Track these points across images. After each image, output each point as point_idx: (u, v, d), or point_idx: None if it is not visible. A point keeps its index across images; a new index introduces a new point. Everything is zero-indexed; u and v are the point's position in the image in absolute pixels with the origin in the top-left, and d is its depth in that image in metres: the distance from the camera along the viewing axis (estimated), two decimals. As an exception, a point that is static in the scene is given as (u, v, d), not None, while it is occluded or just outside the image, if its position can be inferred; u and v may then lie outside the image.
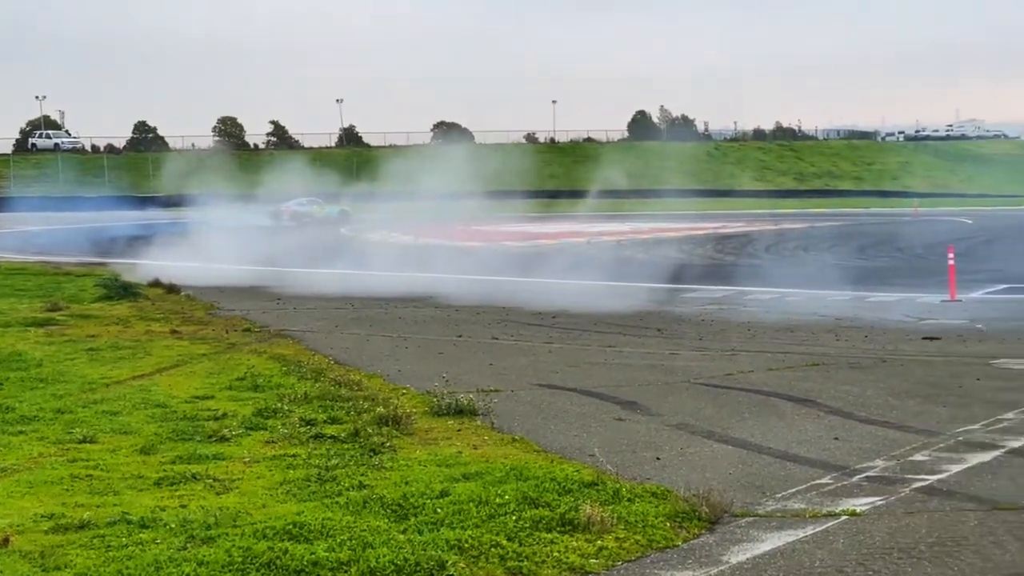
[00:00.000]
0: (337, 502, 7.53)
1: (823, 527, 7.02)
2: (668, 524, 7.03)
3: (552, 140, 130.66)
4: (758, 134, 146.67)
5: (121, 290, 24.23)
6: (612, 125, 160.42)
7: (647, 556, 6.56)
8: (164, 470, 8.65)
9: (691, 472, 8.51)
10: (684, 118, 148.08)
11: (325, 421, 10.43)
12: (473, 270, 31.69)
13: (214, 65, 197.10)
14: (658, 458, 9.03)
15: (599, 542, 6.65)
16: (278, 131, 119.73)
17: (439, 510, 7.18)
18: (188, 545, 6.62)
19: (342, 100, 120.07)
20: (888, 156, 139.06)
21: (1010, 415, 10.60)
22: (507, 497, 7.40)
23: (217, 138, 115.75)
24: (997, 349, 15.63)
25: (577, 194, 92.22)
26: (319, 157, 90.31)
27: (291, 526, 6.86)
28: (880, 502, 7.59)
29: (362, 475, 8.31)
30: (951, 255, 25.06)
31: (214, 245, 36.75)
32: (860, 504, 7.53)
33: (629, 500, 7.47)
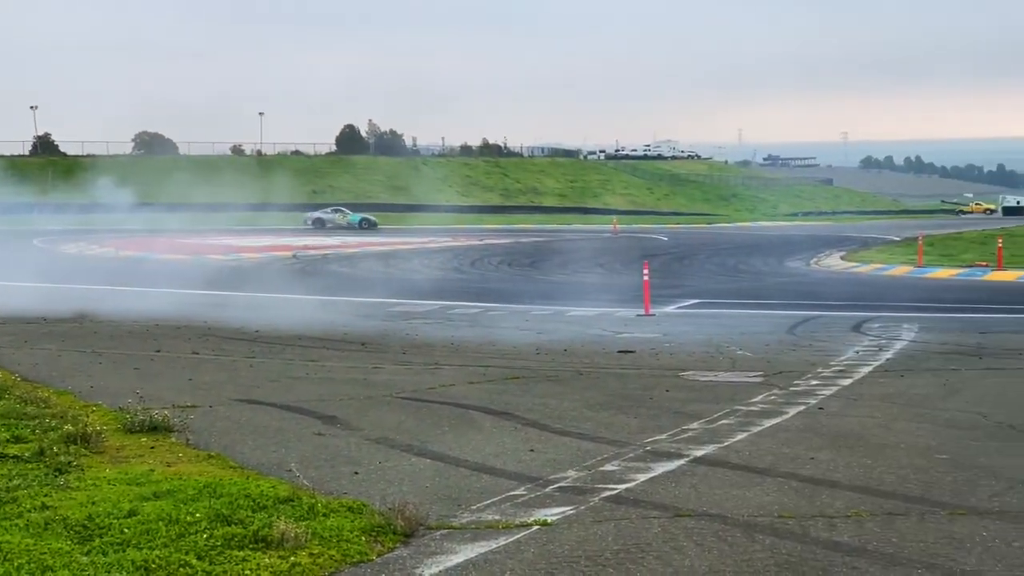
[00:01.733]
0: (16, 524, 7.19)
1: (515, 537, 7.15)
2: (363, 538, 7.02)
3: (259, 152, 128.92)
4: (465, 150, 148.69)
5: None
6: (320, 138, 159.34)
7: (341, 571, 6.53)
8: None
9: (388, 486, 8.53)
10: (392, 132, 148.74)
11: (8, 440, 9.94)
12: (175, 283, 30.94)
13: None
14: (356, 472, 9.01)
15: (292, 558, 6.57)
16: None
17: (126, 530, 6.95)
18: None
19: (36, 107, 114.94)
20: (590, 174, 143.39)
21: (695, 425, 11.07)
22: (199, 515, 7.24)
23: None
24: (686, 362, 16.30)
25: (284, 207, 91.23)
26: (12, 166, 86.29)
27: (-35, 551, 6.51)
28: (570, 512, 7.78)
29: (45, 496, 7.97)
30: (646, 271, 26.00)
31: None
32: (551, 514, 7.70)
33: (325, 515, 7.42)
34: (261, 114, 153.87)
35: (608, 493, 8.30)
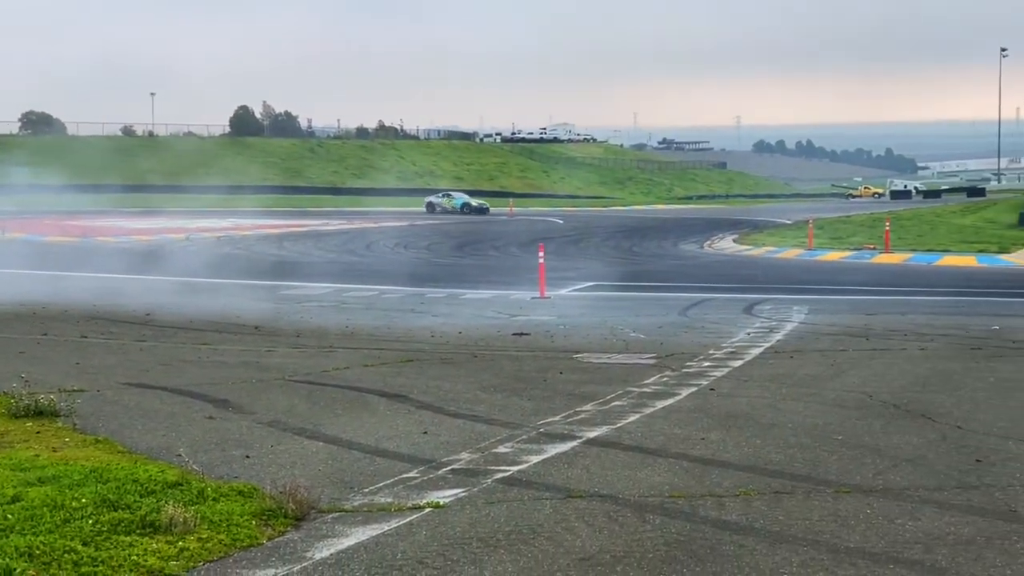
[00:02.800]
0: None
1: (407, 520, 7.14)
2: (254, 522, 6.95)
3: (151, 133, 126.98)
4: (361, 132, 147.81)
5: None
6: (214, 120, 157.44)
7: (230, 556, 6.47)
8: None
9: (280, 469, 8.46)
10: (288, 114, 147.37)
11: None
12: (65, 266, 30.41)
13: None
14: (248, 456, 8.93)
15: (181, 543, 6.49)
16: None
17: (10, 516, 6.80)
18: None
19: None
20: (486, 157, 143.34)
21: (588, 407, 11.14)
22: (85, 500, 7.11)
23: None
24: (580, 344, 16.40)
25: (176, 189, 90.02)
26: None
27: None
28: (463, 494, 7.79)
29: (-73, 483, 7.78)
30: (541, 254, 26.10)
31: None
32: (444, 496, 7.70)
33: (215, 499, 7.34)
34: (152, 94, 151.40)
35: (501, 475, 8.32)
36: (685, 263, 35.79)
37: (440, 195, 79.72)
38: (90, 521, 6.76)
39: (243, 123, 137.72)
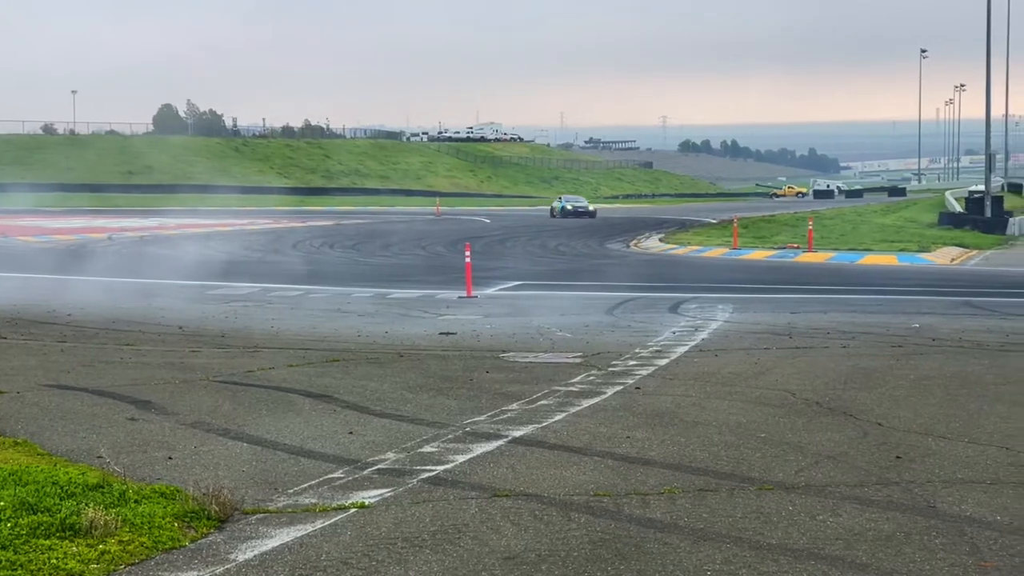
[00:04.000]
0: None
1: (332, 520, 7.11)
2: (176, 524, 6.88)
3: (72, 132, 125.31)
4: (287, 131, 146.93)
5: None
6: (137, 118, 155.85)
7: (152, 558, 6.40)
8: None
9: (204, 471, 8.38)
10: (212, 112, 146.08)
11: None
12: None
13: None
14: (170, 458, 8.84)
15: (101, 546, 6.41)
16: None
17: (-74, 521, 6.69)
18: None
19: None
20: (413, 156, 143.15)
21: (514, 406, 11.15)
22: (3, 504, 6.99)
23: None
24: (507, 343, 16.41)
25: (98, 188, 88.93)
26: None
27: None
28: (389, 494, 7.76)
29: None
30: (468, 253, 26.11)
31: None
32: (370, 496, 7.67)
33: (136, 502, 7.25)
34: (74, 92, 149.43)
35: (427, 474, 8.31)
36: (611, 262, 35.95)
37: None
38: (8, 524, 6.66)
39: (167, 121, 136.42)
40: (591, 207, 71.03)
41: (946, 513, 7.33)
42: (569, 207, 69.92)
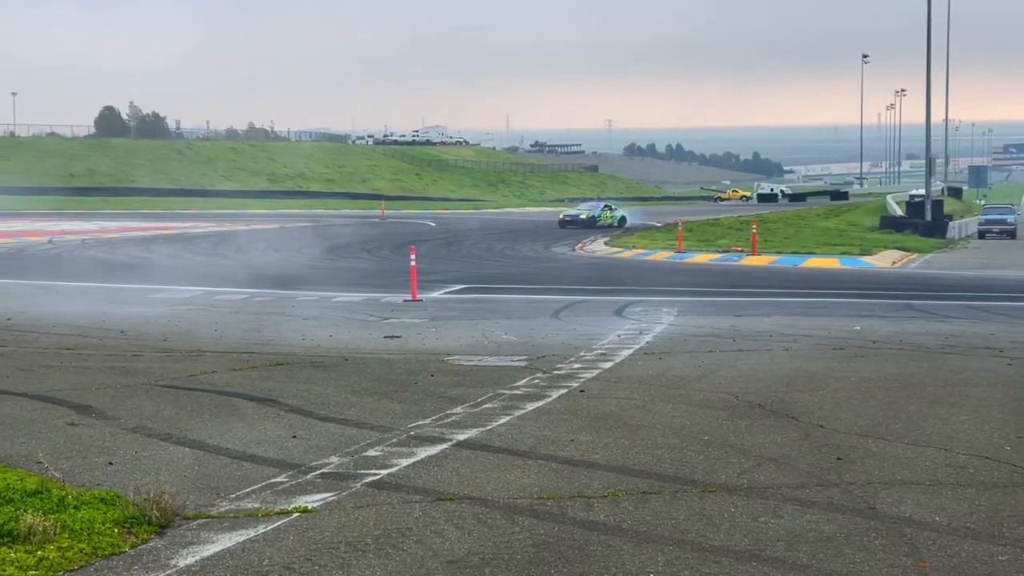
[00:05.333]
0: None
1: (275, 525, 7.07)
2: (116, 530, 6.82)
3: (12, 134, 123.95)
4: (231, 134, 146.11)
5: None
6: (78, 120, 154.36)
7: (92, 564, 6.33)
8: None
9: (145, 476, 8.31)
10: (155, 115, 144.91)
11: None
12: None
13: None
14: (111, 463, 8.75)
15: (40, 553, 6.33)
16: None
17: None
18: None
19: None
20: (358, 159, 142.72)
21: (458, 409, 11.14)
22: (-61, 511, 6.91)
23: None
24: (452, 347, 16.39)
25: (39, 191, 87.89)
26: None
27: None
28: (332, 498, 7.73)
29: None
30: (413, 256, 26.08)
31: None
32: (313, 501, 7.64)
33: (76, 507, 7.18)
34: (14, 94, 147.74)
35: (371, 478, 8.28)
36: (557, 265, 36.02)
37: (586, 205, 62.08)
38: (-55, 531, 6.57)
39: (109, 124, 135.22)
40: (619, 212, 63.00)
41: (886, 514, 7.41)
42: (584, 216, 60.08)
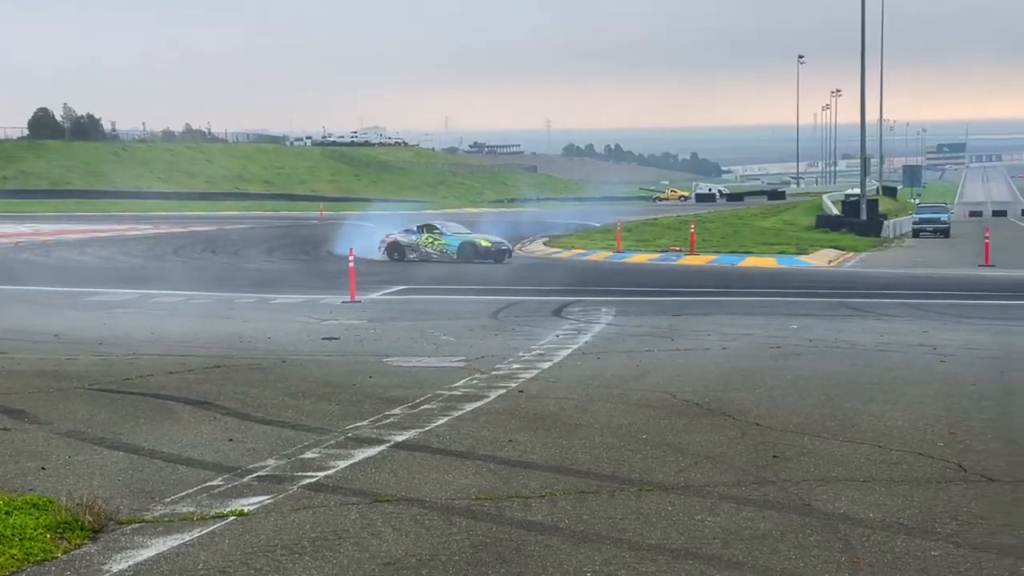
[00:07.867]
0: None
1: (210, 529, 7.01)
2: (49, 536, 6.73)
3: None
4: (167, 135, 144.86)
5: None
6: (11, 122, 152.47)
7: (24, 570, 6.25)
8: None
9: (78, 480, 8.21)
10: (90, 117, 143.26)
11: None
12: None
13: None
14: (44, 468, 8.64)
15: (-30, 560, 6.26)
16: None
17: None
18: None
19: None
20: (296, 160, 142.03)
21: (397, 411, 11.11)
22: None
23: None
24: (390, 348, 16.34)
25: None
26: None
27: None
28: (269, 501, 7.68)
29: None
30: (351, 257, 26.00)
31: None
32: (249, 504, 7.58)
33: (7, 513, 7.08)
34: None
35: (308, 481, 8.24)
36: (496, 266, 36.00)
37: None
38: None
39: (43, 125, 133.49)
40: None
41: (820, 511, 7.47)
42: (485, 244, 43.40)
